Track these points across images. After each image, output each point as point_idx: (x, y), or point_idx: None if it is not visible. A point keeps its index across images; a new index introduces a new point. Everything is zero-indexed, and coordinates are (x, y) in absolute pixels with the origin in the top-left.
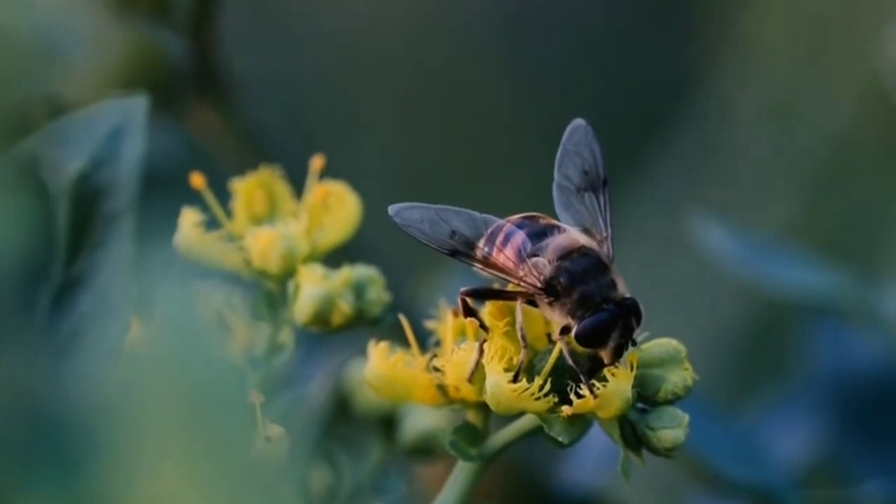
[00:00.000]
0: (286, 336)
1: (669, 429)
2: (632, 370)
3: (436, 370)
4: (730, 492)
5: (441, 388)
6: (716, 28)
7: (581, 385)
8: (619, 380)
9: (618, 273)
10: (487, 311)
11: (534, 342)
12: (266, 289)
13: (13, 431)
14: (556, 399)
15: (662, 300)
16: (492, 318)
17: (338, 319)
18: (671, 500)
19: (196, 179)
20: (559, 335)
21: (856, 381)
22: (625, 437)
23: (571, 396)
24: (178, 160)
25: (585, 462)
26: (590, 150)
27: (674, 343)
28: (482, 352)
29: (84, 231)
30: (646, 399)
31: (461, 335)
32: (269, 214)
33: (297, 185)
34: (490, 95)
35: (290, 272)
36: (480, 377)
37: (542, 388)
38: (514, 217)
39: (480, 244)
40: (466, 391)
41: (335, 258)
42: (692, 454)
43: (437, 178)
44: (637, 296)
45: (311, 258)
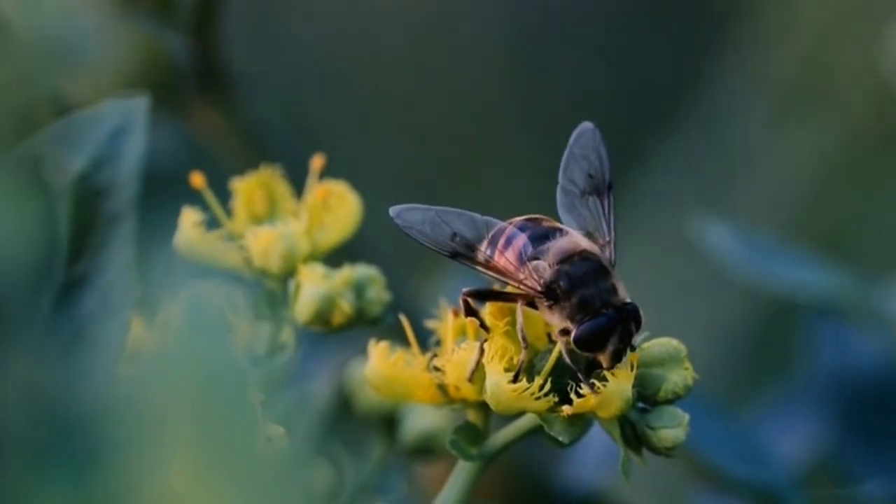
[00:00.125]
0: (287, 335)
1: (670, 428)
2: (632, 370)
3: (436, 370)
4: (731, 491)
5: (441, 388)
6: (719, 29)
7: (581, 385)
8: (620, 379)
9: (618, 278)
10: (488, 311)
11: (534, 342)
12: (267, 288)
13: (27, 430)
14: (557, 399)
15: (664, 299)
16: (492, 318)
17: (338, 319)
18: (672, 500)
19: (196, 179)
20: (558, 339)
21: (857, 381)
22: (625, 437)
23: (572, 396)
24: (179, 159)
25: (586, 461)
26: (596, 154)
27: (674, 342)
28: (483, 351)
29: (86, 231)
30: (646, 398)
31: (462, 335)
32: (270, 214)
33: (298, 185)
34: (491, 95)
35: (291, 272)
36: (481, 377)
37: (543, 388)
38: (517, 219)
39: (481, 246)
40: (467, 391)
41: (336, 258)
42: (693, 453)
43: (438, 178)
44: (639, 295)
45: (312, 257)
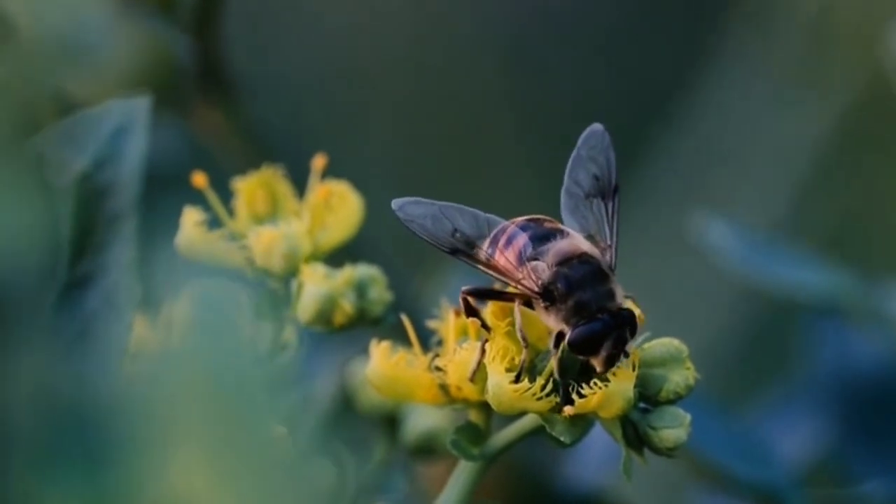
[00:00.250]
0: (289, 335)
1: (671, 428)
2: (634, 370)
3: (438, 370)
4: (732, 491)
5: (443, 388)
6: (718, 28)
7: (582, 385)
8: (621, 379)
9: (617, 283)
10: (490, 311)
11: (536, 342)
12: (269, 288)
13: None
14: (558, 399)
15: (664, 299)
16: (494, 318)
17: (340, 319)
18: (673, 499)
19: (198, 178)
20: (554, 341)
21: (857, 381)
22: (627, 437)
23: (573, 396)
24: (181, 159)
25: (587, 462)
26: (604, 156)
27: (676, 343)
28: (484, 351)
29: (88, 230)
30: (648, 399)
31: (463, 335)
32: (272, 214)
33: (300, 185)
34: (491, 95)
35: (293, 271)
36: (482, 377)
37: (544, 388)
38: (519, 219)
39: (481, 244)
40: (468, 391)
41: (337, 257)
42: (694, 453)
43: (439, 178)
44: (639, 294)
45: (314, 257)
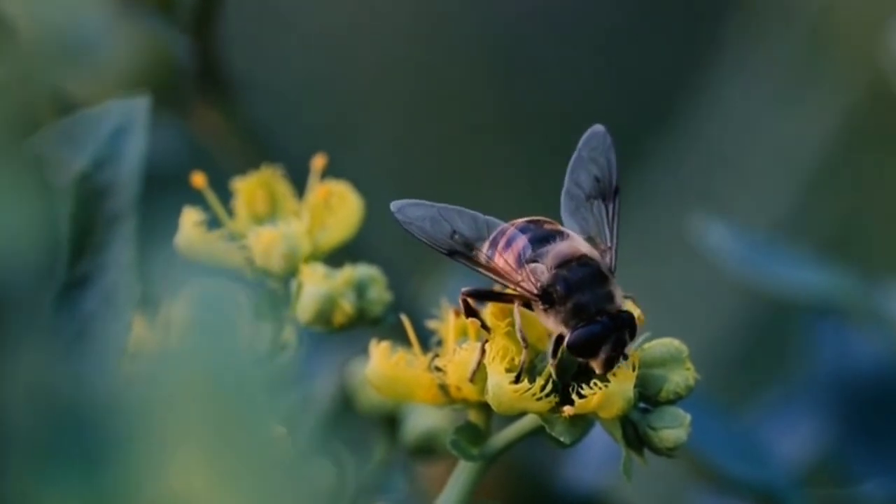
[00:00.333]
0: (289, 335)
1: (671, 428)
2: (634, 370)
3: (437, 370)
4: (732, 491)
5: (443, 388)
6: (718, 28)
7: (583, 385)
8: (621, 380)
9: (616, 285)
10: (489, 312)
11: (536, 342)
12: (268, 288)
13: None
14: (558, 399)
15: (664, 299)
16: (493, 319)
17: (340, 319)
18: (673, 500)
19: (197, 178)
20: (553, 343)
21: (857, 381)
22: (627, 437)
23: (573, 396)
24: (180, 159)
25: (587, 462)
26: (605, 157)
27: (676, 343)
28: (484, 352)
29: (87, 230)
30: (648, 399)
31: (463, 335)
32: (271, 214)
33: (299, 185)
34: (491, 96)
35: (293, 271)
36: (482, 377)
37: (544, 389)
38: (520, 220)
39: (480, 246)
40: (468, 391)
41: (337, 258)
42: (694, 453)
43: (439, 178)
44: (639, 295)
45: (314, 257)
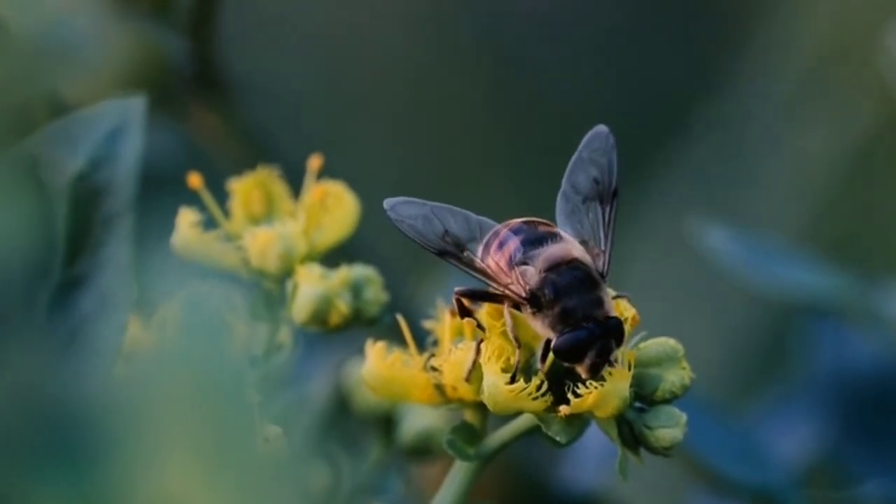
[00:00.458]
0: (285, 336)
1: (667, 428)
2: (629, 369)
3: (433, 370)
4: (730, 491)
5: (439, 388)
6: (727, 32)
7: (578, 384)
8: (617, 379)
9: (607, 290)
10: (485, 312)
11: (531, 341)
12: (264, 288)
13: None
14: (554, 399)
15: (665, 301)
16: (489, 319)
17: (336, 319)
18: (671, 500)
19: (194, 179)
20: (542, 348)
21: (856, 382)
22: (623, 437)
23: (569, 396)
24: (176, 160)
25: (584, 462)
26: (606, 159)
27: (671, 342)
28: (480, 351)
29: (83, 231)
30: (643, 398)
31: (459, 335)
32: (267, 214)
33: (295, 185)
34: (491, 97)
35: (289, 272)
36: (478, 377)
37: (540, 388)
38: (515, 221)
39: (471, 246)
40: (464, 391)
41: (333, 258)
42: (692, 454)
43: (436, 179)
44: (641, 297)
45: (309, 258)
